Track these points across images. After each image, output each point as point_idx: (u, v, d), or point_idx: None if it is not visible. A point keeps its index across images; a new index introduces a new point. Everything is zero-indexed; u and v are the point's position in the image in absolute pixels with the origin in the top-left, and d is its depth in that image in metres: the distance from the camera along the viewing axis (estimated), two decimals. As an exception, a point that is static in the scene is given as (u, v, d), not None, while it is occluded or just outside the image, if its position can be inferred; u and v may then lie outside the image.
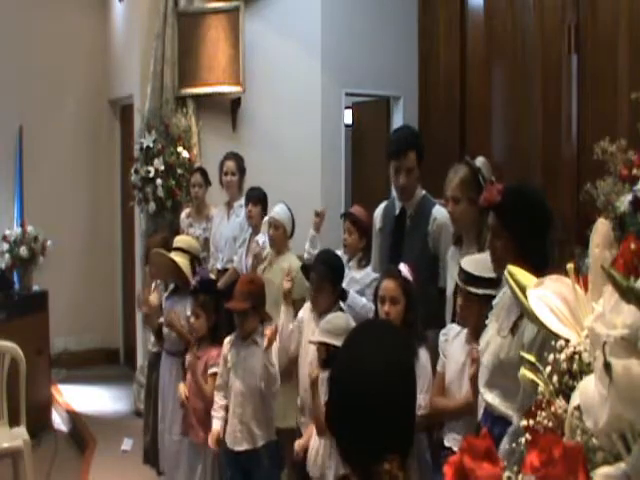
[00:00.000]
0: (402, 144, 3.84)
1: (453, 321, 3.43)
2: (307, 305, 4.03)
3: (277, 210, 4.71)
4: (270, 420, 3.83)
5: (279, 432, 3.88)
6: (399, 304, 3.30)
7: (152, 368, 4.80)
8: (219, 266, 5.40)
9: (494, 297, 2.84)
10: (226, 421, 3.82)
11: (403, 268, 3.39)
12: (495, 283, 2.86)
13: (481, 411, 2.69)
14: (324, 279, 3.82)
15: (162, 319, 4.52)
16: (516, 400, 2.23)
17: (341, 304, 3.91)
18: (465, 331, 3.09)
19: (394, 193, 4.11)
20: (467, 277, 2.92)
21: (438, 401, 3.13)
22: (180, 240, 4.66)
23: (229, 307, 3.82)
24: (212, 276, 4.44)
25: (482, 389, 2.63)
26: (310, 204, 6.01)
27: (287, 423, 3.99)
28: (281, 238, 4.67)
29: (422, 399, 3.26)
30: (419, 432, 3.24)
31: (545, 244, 2.61)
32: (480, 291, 2.88)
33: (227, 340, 3.90)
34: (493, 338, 2.58)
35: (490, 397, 2.57)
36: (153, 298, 4.73)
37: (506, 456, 1.78)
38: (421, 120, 6.22)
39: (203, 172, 5.70)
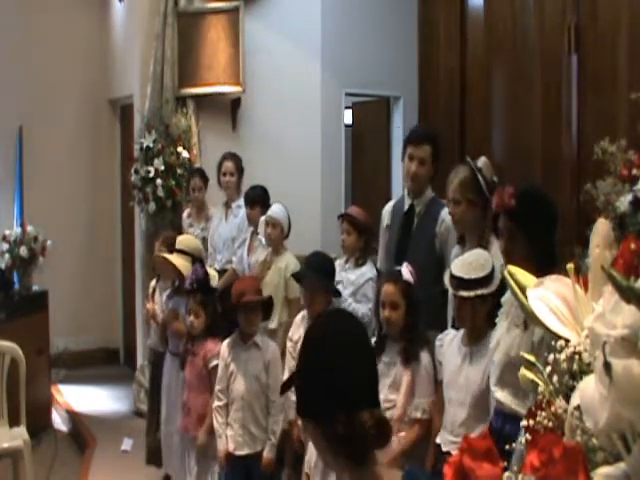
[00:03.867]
0: (420, 134, 4.00)
1: (453, 323, 3.43)
2: (300, 315, 4.03)
3: (274, 209, 4.73)
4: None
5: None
6: (400, 308, 3.30)
7: (155, 367, 4.81)
8: (217, 267, 5.39)
9: (487, 295, 2.87)
10: (227, 424, 3.83)
11: (404, 270, 3.38)
12: (487, 280, 2.88)
13: (491, 410, 2.71)
14: (317, 286, 3.81)
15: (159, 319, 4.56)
16: (528, 397, 2.24)
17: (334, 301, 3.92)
18: (460, 334, 3.10)
19: (403, 192, 4.13)
20: (458, 282, 2.94)
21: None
22: (180, 242, 4.67)
23: (250, 300, 3.77)
24: (209, 270, 4.45)
25: (493, 387, 2.65)
26: (310, 204, 6.02)
27: (286, 424, 3.99)
28: (278, 237, 4.68)
29: (425, 403, 3.25)
30: (421, 438, 3.24)
31: (554, 244, 2.67)
32: (472, 293, 2.90)
33: (226, 343, 3.90)
34: (503, 336, 2.60)
35: (502, 395, 2.58)
36: (156, 312, 4.76)
37: (520, 455, 1.79)
38: (421, 120, 6.21)
39: (202, 174, 5.70)
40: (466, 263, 2.97)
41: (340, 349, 1.57)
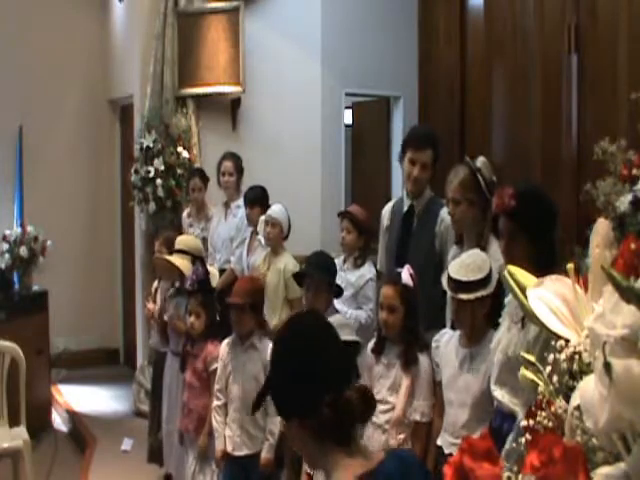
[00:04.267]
0: (424, 138, 3.91)
1: (452, 325, 3.42)
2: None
3: (274, 209, 4.74)
4: None
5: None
6: (397, 312, 3.28)
7: (157, 368, 4.81)
8: (216, 266, 5.39)
9: (487, 297, 2.86)
10: (225, 424, 3.83)
11: (405, 273, 3.36)
12: (485, 281, 2.88)
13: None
14: (321, 284, 3.81)
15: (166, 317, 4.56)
16: (525, 396, 2.25)
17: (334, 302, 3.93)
18: (457, 335, 3.09)
19: (402, 193, 4.12)
20: (457, 285, 2.92)
21: None
22: (180, 242, 4.67)
23: (228, 301, 3.84)
24: (210, 268, 4.47)
25: (492, 386, 2.66)
26: (310, 204, 6.03)
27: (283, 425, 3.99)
28: (277, 237, 4.68)
29: (425, 406, 3.24)
30: (423, 439, 3.23)
31: (555, 243, 2.68)
32: (472, 296, 2.88)
33: (225, 342, 3.90)
34: (504, 335, 2.61)
35: (500, 394, 2.59)
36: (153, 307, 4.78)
37: (510, 453, 1.79)
38: (421, 120, 6.21)
39: (202, 174, 5.69)
40: (464, 265, 2.96)
41: (311, 337, 1.67)
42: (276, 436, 3.73)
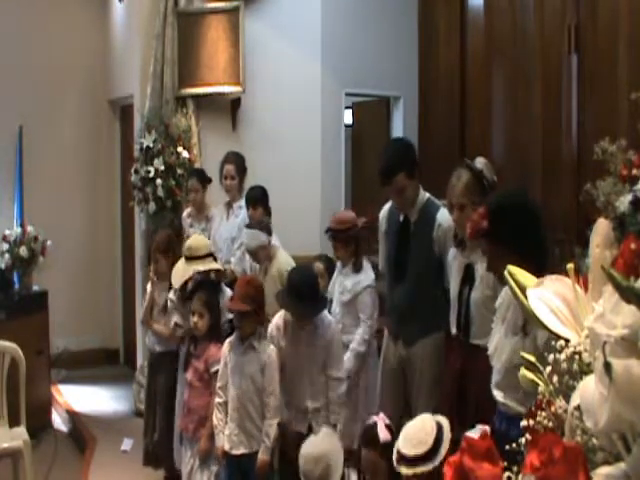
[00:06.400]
0: (388, 170, 3.85)
1: (457, 326, 3.41)
2: (279, 315, 3.94)
3: (246, 242, 4.62)
4: None
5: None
6: (380, 471, 2.97)
7: (153, 369, 4.79)
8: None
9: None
10: (226, 422, 3.84)
11: (380, 428, 3.01)
12: (427, 456, 2.63)
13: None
14: (304, 308, 3.73)
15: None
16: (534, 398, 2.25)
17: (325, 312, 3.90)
18: None
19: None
20: (399, 456, 2.66)
21: None
22: (198, 248, 4.47)
23: (230, 307, 3.84)
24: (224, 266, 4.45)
25: (495, 391, 2.64)
26: (310, 204, 6.03)
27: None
28: (264, 256, 4.62)
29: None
30: None
31: (541, 239, 2.66)
32: (411, 472, 2.60)
33: (228, 341, 3.91)
34: (501, 342, 2.59)
35: (508, 398, 2.57)
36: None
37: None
38: (421, 120, 6.21)
39: (199, 175, 5.64)
40: (407, 438, 2.68)
41: None
42: (272, 438, 3.72)
